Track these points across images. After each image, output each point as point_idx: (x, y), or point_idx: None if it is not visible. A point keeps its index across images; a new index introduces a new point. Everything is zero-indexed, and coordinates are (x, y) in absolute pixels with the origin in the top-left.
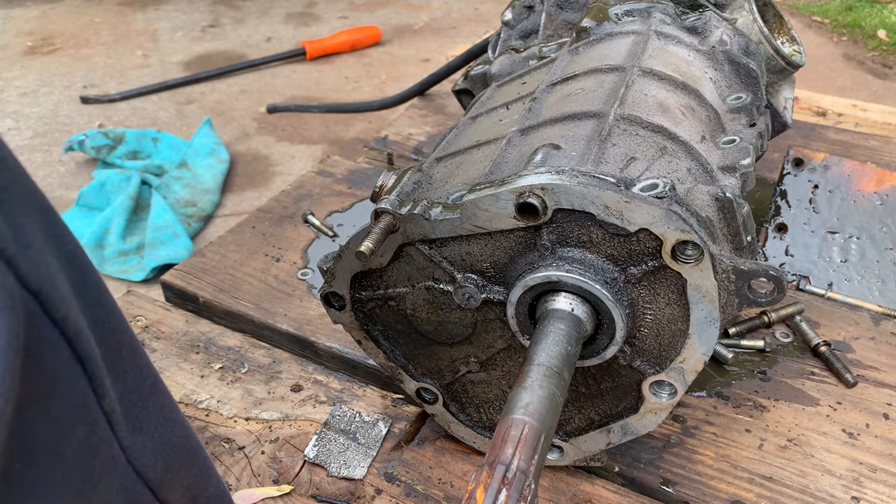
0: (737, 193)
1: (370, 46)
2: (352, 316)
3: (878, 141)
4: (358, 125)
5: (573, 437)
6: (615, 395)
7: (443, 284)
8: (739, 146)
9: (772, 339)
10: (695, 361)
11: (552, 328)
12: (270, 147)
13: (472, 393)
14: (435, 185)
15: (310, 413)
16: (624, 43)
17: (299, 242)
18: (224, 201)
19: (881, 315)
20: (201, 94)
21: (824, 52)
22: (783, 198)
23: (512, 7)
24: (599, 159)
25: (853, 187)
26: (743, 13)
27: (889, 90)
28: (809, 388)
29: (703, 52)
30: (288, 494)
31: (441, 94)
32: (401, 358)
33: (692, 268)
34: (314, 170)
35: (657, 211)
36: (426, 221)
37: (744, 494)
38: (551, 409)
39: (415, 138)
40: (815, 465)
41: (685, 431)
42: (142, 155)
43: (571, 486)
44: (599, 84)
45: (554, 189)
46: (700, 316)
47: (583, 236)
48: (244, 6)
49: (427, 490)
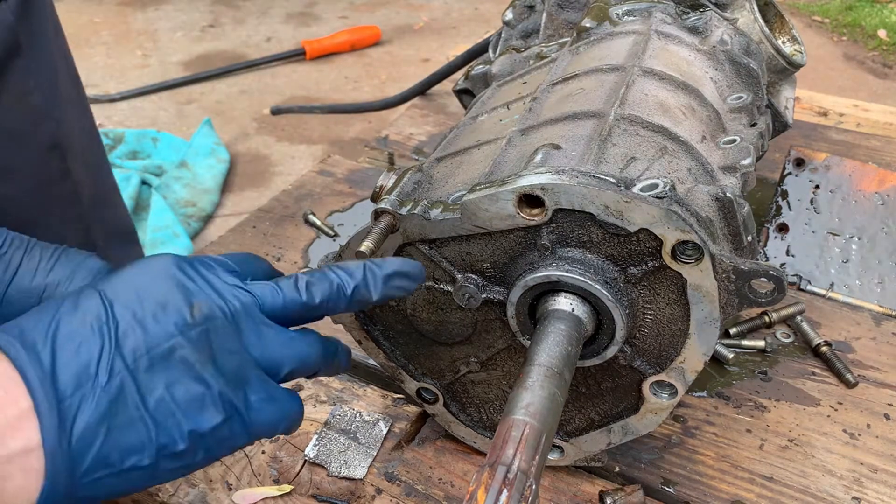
0: (737, 193)
1: (370, 46)
2: (352, 316)
3: (880, 141)
4: (358, 125)
5: (574, 438)
6: (615, 396)
7: (443, 284)
8: (740, 146)
9: (773, 339)
10: (695, 361)
11: (553, 328)
12: (270, 147)
13: (473, 393)
14: (435, 184)
15: (310, 413)
16: (624, 43)
17: (300, 242)
18: (224, 201)
19: (882, 315)
20: (201, 94)
21: (824, 52)
22: (784, 198)
23: (513, 7)
24: (599, 159)
25: (854, 187)
26: (744, 13)
27: (889, 90)
28: (810, 388)
29: (704, 52)
30: (288, 494)
31: (442, 93)
32: (401, 358)
33: (692, 268)
34: (315, 169)
35: (657, 211)
36: (426, 221)
37: (744, 494)
38: (552, 409)
39: (415, 138)
40: (816, 466)
41: (686, 431)
42: (142, 155)
43: (572, 486)
44: (600, 84)
45: (554, 189)
46: (700, 316)
47: (583, 236)
48: (244, 6)
49: (427, 490)
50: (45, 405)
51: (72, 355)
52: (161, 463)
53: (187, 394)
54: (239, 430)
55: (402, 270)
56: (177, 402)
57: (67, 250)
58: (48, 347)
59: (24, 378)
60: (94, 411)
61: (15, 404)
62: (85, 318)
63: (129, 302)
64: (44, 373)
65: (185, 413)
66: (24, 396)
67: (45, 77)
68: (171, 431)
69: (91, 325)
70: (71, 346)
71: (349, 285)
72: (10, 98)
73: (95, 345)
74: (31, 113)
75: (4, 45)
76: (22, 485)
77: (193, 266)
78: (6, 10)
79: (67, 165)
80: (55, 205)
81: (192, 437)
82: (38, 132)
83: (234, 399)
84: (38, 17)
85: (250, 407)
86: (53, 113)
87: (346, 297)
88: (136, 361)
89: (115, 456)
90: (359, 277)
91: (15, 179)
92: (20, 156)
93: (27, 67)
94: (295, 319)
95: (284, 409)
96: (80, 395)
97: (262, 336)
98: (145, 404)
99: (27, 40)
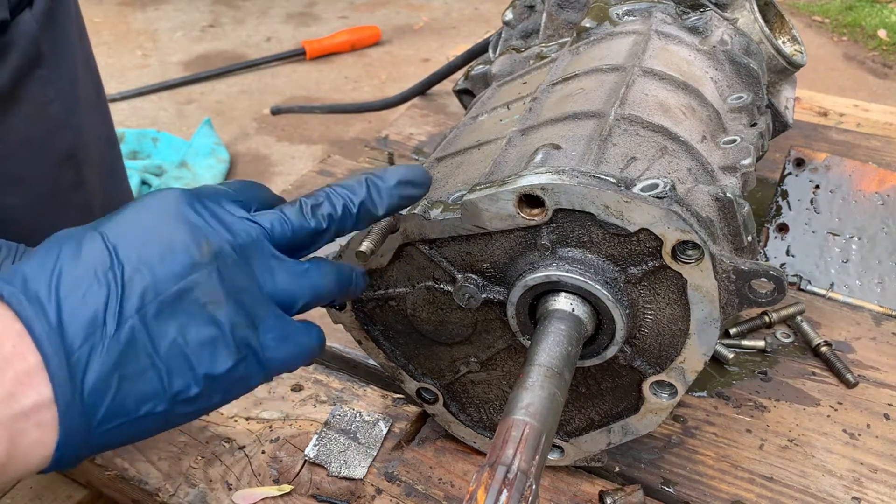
0: (737, 193)
1: (370, 46)
2: (352, 316)
3: (880, 141)
4: (358, 125)
5: (574, 437)
6: (615, 396)
7: (443, 284)
8: (740, 146)
9: (773, 339)
10: (695, 361)
11: (553, 328)
12: (270, 147)
13: (473, 393)
14: (435, 184)
15: (310, 413)
16: (624, 43)
17: None
18: None
19: (882, 315)
20: (201, 94)
21: (825, 52)
22: (784, 198)
23: (513, 7)
24: (600, 159)
25: (854, 187)
26: (744, 13)
27: (889, 90)
28: (810, 388)
29: (704, 52)
30: (288, 494)
31: (442, 93)
32: (401, 358)
33: (692, 268)
34: (315, 169)
35: (657, 211)
36: (426, 221)
37: (744, 495)
38: (552, 409)
39: (415, 138)
40: (816, 466)
41: (686, 431)
42: (142, 155)
43: (572, 486)
44: (600, 84)
45: (554, 189)
46: (700, 316)
47: (583, 236)
48: (244, 6)
49: (427, 490)
50: (55, 360)
51: (78, 305)
52: (176, 408)
53: (199, 337)
54: (255, 369)
55: (405, 178)
56: (189, 347)
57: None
58: (53, 298)
59: (31, 332)
60: (105, 362)
61: (23, 359)
62: (89, 264)
63: (133, 244)
64: (50, 326)
65: (199, 357)
66: (32, 351)
67: (65, 86)
68: (184, 376)
69: (95, 271)
70: (76, 295)
71: (354, 202)
72: (28, 108)
73: (101, 292)
74: (48, 122)
75: (27, 56)
76: (37, 439)
77: (200, 200)
78: (30, 19)
79: (82, 176)
80: (66, 215)
81: (206, 381)
82: (54, 142)
83: (248, 338)
84: (62, 23)
85: (265, 346)
86: (72, 122)
87: (352, 215)
88: (145, 307)
89: (130, 404)
90: (363, 193)
91: (26, 189)
92: (34, 165)
93: (48, 77)
94: (305, 246)
95: (301, 343)
96: (89, 347)
97: (275, 271)
98: (157, 350)
99: (50, 48)
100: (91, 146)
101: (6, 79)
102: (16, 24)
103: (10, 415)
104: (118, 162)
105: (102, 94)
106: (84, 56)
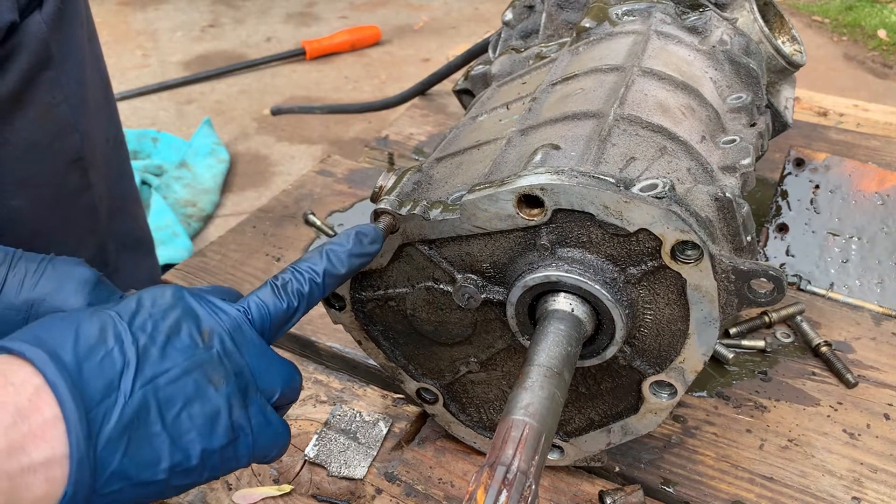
0: (737, 193)
1: (370, 46)
2: (352, 316)
3: (880, 141)
4: (358, 125)
5: (573, 438)
6: (615, 396)
7: (443, 285)
8: (739, 146)
9: (773, 339)
10: (695, 361)
11: (552, 328)
12: (270, 147)
13: (473, 393)
14: (435, 185)
15: (310, 413)
16: (624, 43)
17: (300, 242)
18: (224, 201)
19: (882, 315)
20: (201, 94)
21: (824, 52)
22: (784, 198)
23: (512, 7)
24: (599, 159)
25: (854, 187)
26: (743, 13)
27: (889, 90)
28: (810, 388)
29: (704, 52)
30: (288, 494)
31: (442, 93)
32: (401, 358)
33: (692, 268)
34: (315, 169)
35: (657, 211)
36: (426, 222)
37: (744, 495)
38: (552, 409)
39: (415, 138)
40: (816, 466)
41: (686, 431)
42: (141, 155)
43: (572, 486)
44: (599, 84)
45: (553, 189)
46: (700, 316)
47: (582, 236)
48: (244, 6)
49: (427, 490)
50: (75, 414)
51: (96, 368)
52: (173, 479)
53: (203, 411)
54: (243, 450)
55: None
56: (193, 421)
57: (54, 260)
58: (72, 358)
59: (52, 386)
60: (119, 422)
61: (39, 413)
62: (105, 335)
63: (143, 325)
64: (73, 381)
65: (200, 431)
66: (50, 404)
67: (74, 88)
68: (186, 448)
69: (110, 342)
70: (94, 359)
71: (318, 272)
72: (36, 110)
73: (118, 360)
74: (56, 125)
75: (36, 58)
76: (42, 494)
77: (193, 294)
78: (40, 21)
79: (88, 179)
80: (71, 218)
81: (203, 455)
82: (61, 145)
83: (241, 420)
84: (72, 24)
85: (253, 429)
86: (79, 125)
87: (318, 285)
88: (156, 379)
89: (134, 468)
90: (324, 263)
91: (32, 192)
92: (40, 168)
93: (57, 80)
94: (282, 325)
95: (279, 433)
96: (106, 406)
97: (260, 356)
98: (164, 420)
99: (59, 50)
100: (98, 148)
101: (15, 80)
102: (25, 25)
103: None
104: (126, 164)
105: (111, 96)
106: (93, 58)
